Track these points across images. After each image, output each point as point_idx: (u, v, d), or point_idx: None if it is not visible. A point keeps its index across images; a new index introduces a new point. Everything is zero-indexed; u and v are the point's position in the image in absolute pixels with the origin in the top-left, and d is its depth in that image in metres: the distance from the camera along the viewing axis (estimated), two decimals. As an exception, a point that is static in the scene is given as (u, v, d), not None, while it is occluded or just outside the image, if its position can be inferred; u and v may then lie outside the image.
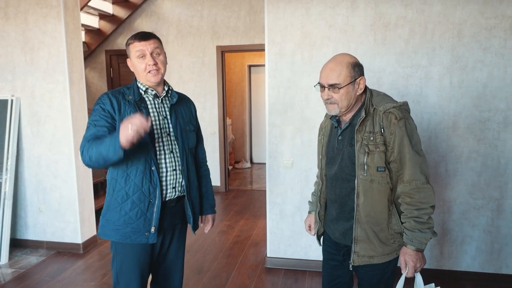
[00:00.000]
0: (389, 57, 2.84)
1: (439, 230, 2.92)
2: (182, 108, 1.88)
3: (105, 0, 5.22)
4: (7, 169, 3.46)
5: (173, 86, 1.89)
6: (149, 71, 1.71)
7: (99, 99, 1.71)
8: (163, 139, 1.76)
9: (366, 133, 1.56)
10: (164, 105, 1.81)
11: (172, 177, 1.78)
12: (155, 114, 1.77)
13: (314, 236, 2.34)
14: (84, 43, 5.47)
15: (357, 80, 1.58)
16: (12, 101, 3.48)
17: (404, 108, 1.59)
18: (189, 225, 1.95)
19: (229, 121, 6.72)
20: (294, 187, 3.11)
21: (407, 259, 1.55)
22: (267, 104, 3.09)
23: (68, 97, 3.41)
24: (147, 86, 1.76)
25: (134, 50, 1.71)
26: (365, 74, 1.68)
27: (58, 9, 3.32)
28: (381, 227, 1.59)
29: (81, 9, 4.23)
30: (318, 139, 1.86)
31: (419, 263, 1.55)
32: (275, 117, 3.08)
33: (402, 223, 1.59)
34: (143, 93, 1.77)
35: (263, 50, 3.60)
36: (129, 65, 1.79)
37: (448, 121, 2.82)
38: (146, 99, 1.78)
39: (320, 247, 1.92)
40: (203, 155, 2.05)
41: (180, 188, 1.82)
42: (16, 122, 3.50)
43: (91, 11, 5.13)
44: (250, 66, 7.35)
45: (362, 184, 1.57)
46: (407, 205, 1.55)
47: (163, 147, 1.76)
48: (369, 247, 1.61)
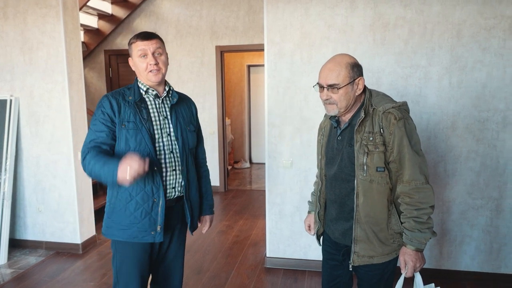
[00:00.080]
0: (388, 57, 2.84)
1: (438, 230, 2.93)
2: (182, 108, 1.88)
3: (104, 0, 5.22)
4: (6, 169, 3.45)
5: (172, 86, 1.90)
6: (150, 71, 1.71)
7: (100, 102, 1.73)
8: (163, 139, 1.76)
9: (365, 133, 1.56)
10: (165, 105, 1.81)
11: (172, 177, 1.78)
12: (155, 114, 1.77)
13: (313, 236, 2.35)
14: (83, 43, 5.46)
15: (356, 80, 1.58)
16: (11, 101, 3.48)
17: (403, 108, 1.59)
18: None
19: (228, 121, 6.72)
20: (293, 187, 3.12)
21: (406, 259, 1.55)
22: (266, 104, 3.09)
23: (67, 97, 3.41)
24: (147, 86, 1.77)
25: (136, 49, 1.72)
26: (364, 74, 1.68)
27: (57, 9, 3.32)
28: (380, 227, 1.60)
29: (80, 9, 4.23)
30: (317, 139, 1.86)
31: (418, 263, 1.55)
32: (274, 117, 3.08)
33: (401, 223, 1.59)
34: (144, 93, 1.77)
35: (262, 50, 3.61)
36: (131, 64, 1.79)
37: (447, 121, 2.83)
38: (146, 99, 1.78)
39: (320, 247, 1.92)
40: (203, 155, 2.05)
41: (180, 188, 1.82)
42: (15, 122, 3.49)
43: (90, 11, 5.12)
44: (249, 66, 7.34)
45: (361, 184, 1.57)
46: (406, 205, 1.55)
47: (163, 147, 1.76)
48: (368, 247, 1.61)
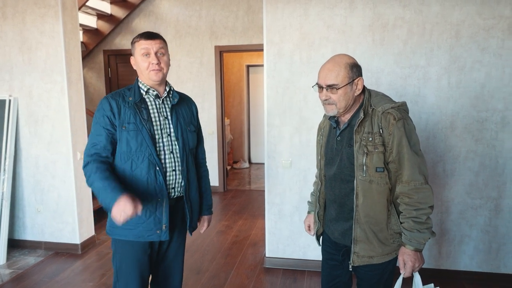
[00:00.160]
0: (388, 58, 2.84)
1: (437, 230, 2.93)
2: (183, 108, 1.88)
3: (103, 0, 5.21)
4: (4, 169, 3.45)
5: (173, 86, 1.90)
6: (152, 70, 1.72)
7: (100, 105, 1.74)
8: (163, 140, 1.76)
9: (364, 133, 1.56)
10: (165, 105, 1.82)
11: (172, 177, 1.78)
12: (155, 114, 1.77)
13: (313, 236, 2.35)
14: (82, 43, 5.45)
15: (355, 80, 1.58)
16: (9, 101, 3.47)
17: (402, 108, 1.59)
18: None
19: (227, 121, 6.72)
20: (292, 187, 3.12)
21: (405, 259, 1.55)
22: (266, 104, 3.09)
23: (66, 97, 3.41)
24: (148, 86, 1.77)
25: (139, 48, 1.73)
26: (363, 75, 1.69)
27: (56, 9, 3.32)
28: (380, 227, 1.60)
29: (79, 9, 4.22)
30: (316, 139, 1.86)
31: (417, 263, 1.55)
32: (273, 117, 3.08)
33: (401, 223, 1.59)
34: (144, 93, 1.77)
35: (261, 50, 3.61)
36: (132, 63, 1.80)
37: (446, 121, 2.83)
38: (147, 99, 1.78)
39: (319, 247, 1.92)
40: (203, 156, 2.05)
41: (180, 188, 1.82)
42: (13, 122, 3.49)
43: (89, 11, 5.11)
44: (248, 66, 7.34)
45: (361, 185, 1.57)
46: (405, 205, 1.55)
47: (163, 148, 1.77)
48: (368, 247, 1.61)
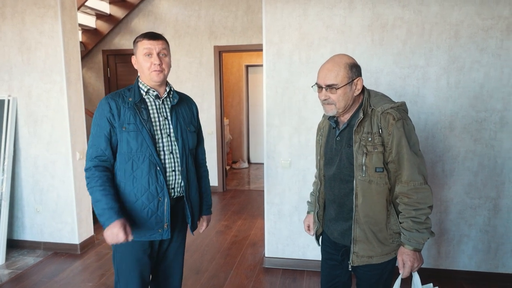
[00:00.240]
0: (387, 58, 2.85)
1: (436, 229, 2.94)
2: (183, 108, 1.88)
3: (102, 0, 5.21)
4: (3, 169, 3.44)
5: (173, 87, 1.90)
6: (153, 70, 1.72)
7: (99, 106, 1.74)
8: (163, 140, 1.77)
9: (364, 133, 1.56)
10: (165, 105, 1.82)
11: (171, 177, 1.78)
12: (155, 115, 1.78)
13: (312, 236, 2.35)
14: (81, 43, 5.45)
15: (355, 80, 1.58)
16: (9, 101, 3.47)
17: (402, 108, 1.59)
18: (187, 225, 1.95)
19: (226, 121, 6.72)
20: (292, 187, 3.12)
21: (404, 258, 1.56)
22: (265, 104, 3.09)
23: (65, 97, 3.40)
24: (148, 86, 1.77)
25: (141, 48, 1.73)
26: (362, 75, 1.69)
27: (55, 9, 3.31)
28: (379, 227, 1.60)
29: (78, 9, 4.22)
30: (316, 139, 1.86)
31: (416, 262, 1.55)
32: (272, 117, 3.08)
33: (400, 223, 1.59)
34: (144, 94, 1.77)
35: (260, 50, 3.62)
36: (133, 63, 1.80)
37: (445, 121, 2.83)
38: (146, 100, 1.78)
39: (318, 247, 1.93)
40: (203, 156, 2.05)
41: (179, 188, 1.82)
42: (13, 122, 3.49)
43: (88, 11, 5.11)
44: (248, 66, 7.34)
45: (360, 185, 1.57)
46: (405, 205, 1.55)
47: (163, 148, 1.77)
48: (368, 247, 1.61)
